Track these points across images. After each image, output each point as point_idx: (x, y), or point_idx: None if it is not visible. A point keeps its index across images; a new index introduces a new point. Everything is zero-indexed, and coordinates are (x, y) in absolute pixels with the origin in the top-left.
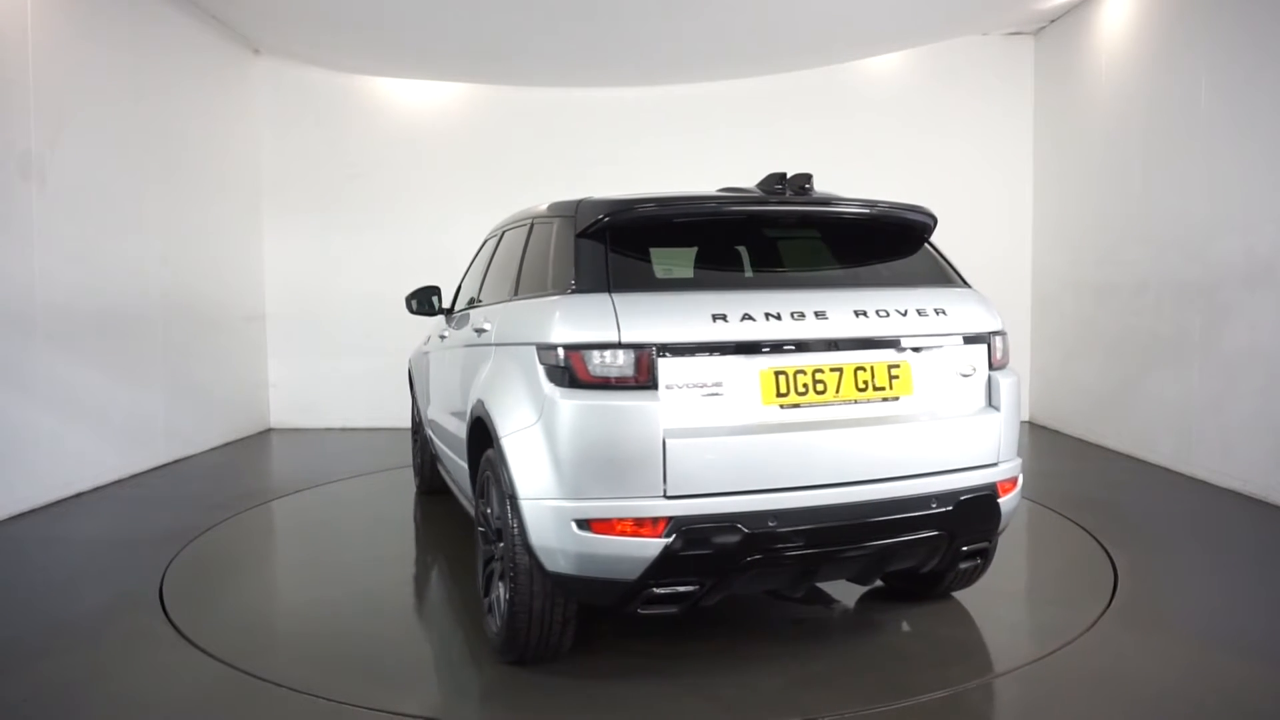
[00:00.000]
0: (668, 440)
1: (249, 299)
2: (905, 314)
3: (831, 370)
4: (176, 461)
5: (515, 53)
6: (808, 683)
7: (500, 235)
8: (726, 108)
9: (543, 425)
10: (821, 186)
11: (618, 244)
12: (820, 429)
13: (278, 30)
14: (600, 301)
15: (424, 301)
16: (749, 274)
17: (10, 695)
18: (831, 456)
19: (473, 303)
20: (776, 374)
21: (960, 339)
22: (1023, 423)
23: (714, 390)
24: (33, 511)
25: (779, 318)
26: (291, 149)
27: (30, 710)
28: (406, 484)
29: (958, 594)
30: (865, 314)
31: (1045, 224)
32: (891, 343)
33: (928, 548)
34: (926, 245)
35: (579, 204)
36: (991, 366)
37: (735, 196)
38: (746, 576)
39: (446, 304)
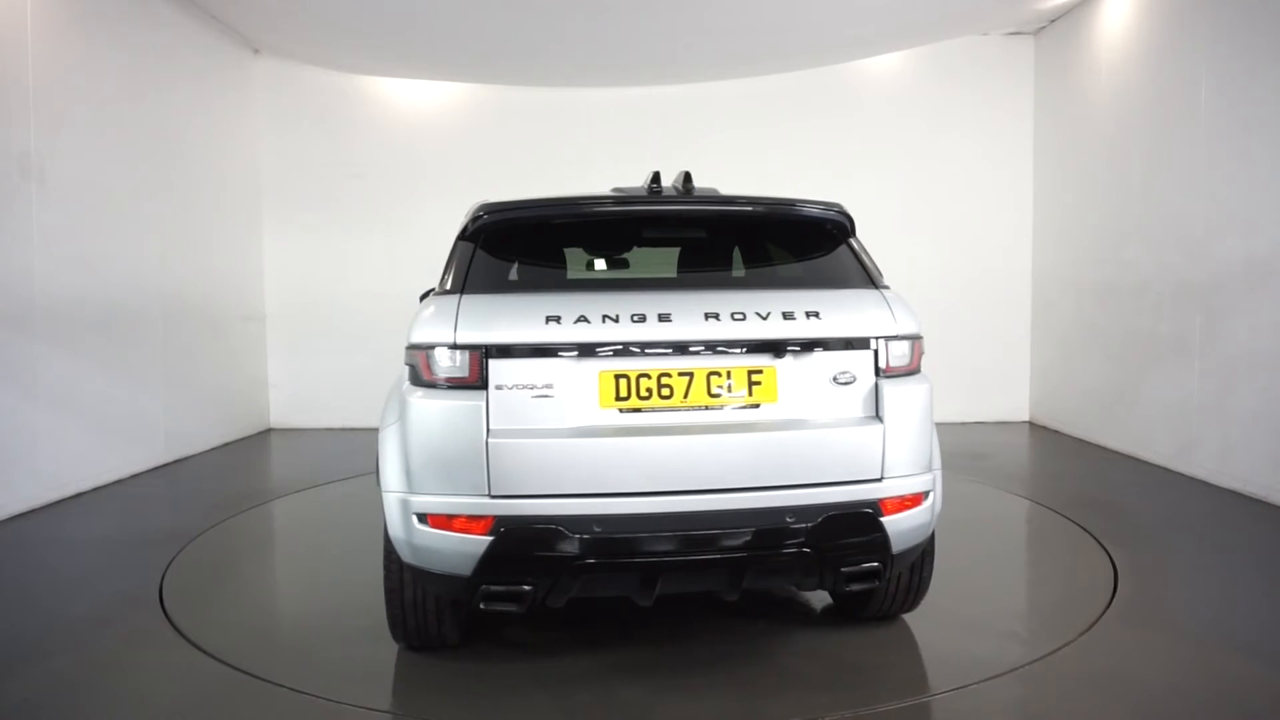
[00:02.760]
0: (491, 440)
1: (249, 299)
2: (766, 317)
3: (680, 375)
4: (176, 461)
5: (515, 53)
6: (791, 683)
7: None
8: (727, 108)
9: (399, 423)
10: (819, 186)
11: (489, 246)
12: (662, 435)
13: (278, 30)
14: (448, 303)
15: None
16: (608, 275)
17: (10, 695)
18: (672, 463)
19: None
20: (617, 377)
21: (837, 344)
22: (1023, 423)
23: (544, 392)
24: (33, 511)
25: (616, 320)
26: (291, 149)
27: (30, 710)
28: None
29: (956, 594)
30: (717, 317)
31: (1045, 224)
32: (750, 346)
33: (797, 565)
34: (843, 244)
35: (473, 207)
36: (879, 374)
37: (598, 198)
38: (581, 580)
39: None
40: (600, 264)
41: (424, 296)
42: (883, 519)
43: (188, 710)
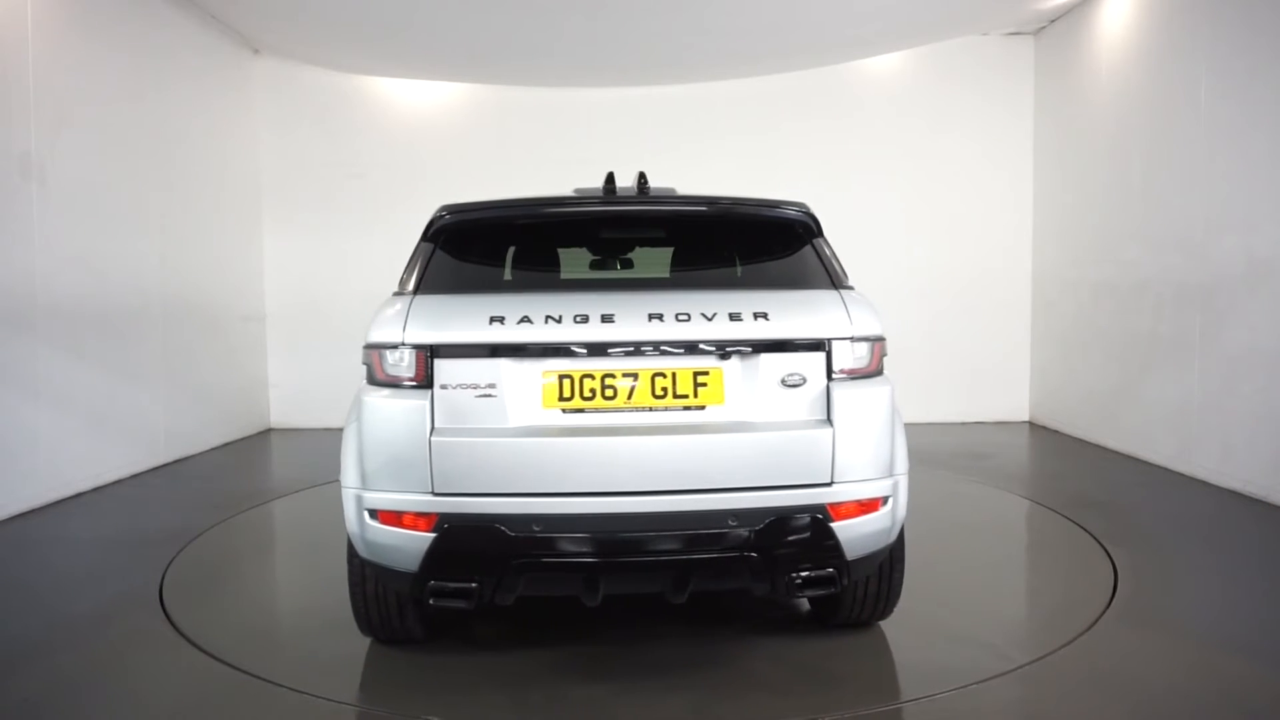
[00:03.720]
0: (434, 439)
1: (249, 299)
2: (712, 318)
3: (625, 375)
4: (176, 461)
5: (516, 53)
6: (751, 687)
7: None
8: (727, 108)
9: (356, 421)
10: (819, 186)
11: (448, 247)
12: (605, 435)
13: (278, 30)
14: (401, 304)
15: None
16: (561, 276)
17: (11, 695)
18: (615, 464)
19: None
20: (561, 378)
21: (786, 346)
22: (1023, 423)
23: (487, 392)
24: (33, 511)
25: (559, 320)
26: (291, 149)
27: (30, 710)
28: None
29: (956, 594)
30: (661, 318)
31: (1045, 224)
32: (695, 348)
33: (744, 568)
34: (806, 245)
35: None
36: (831, 376)
37: (554, 199)
38: (524, 579)
39: None
40: (556, 265)
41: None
42: (833, 524)
43: (188, 710)
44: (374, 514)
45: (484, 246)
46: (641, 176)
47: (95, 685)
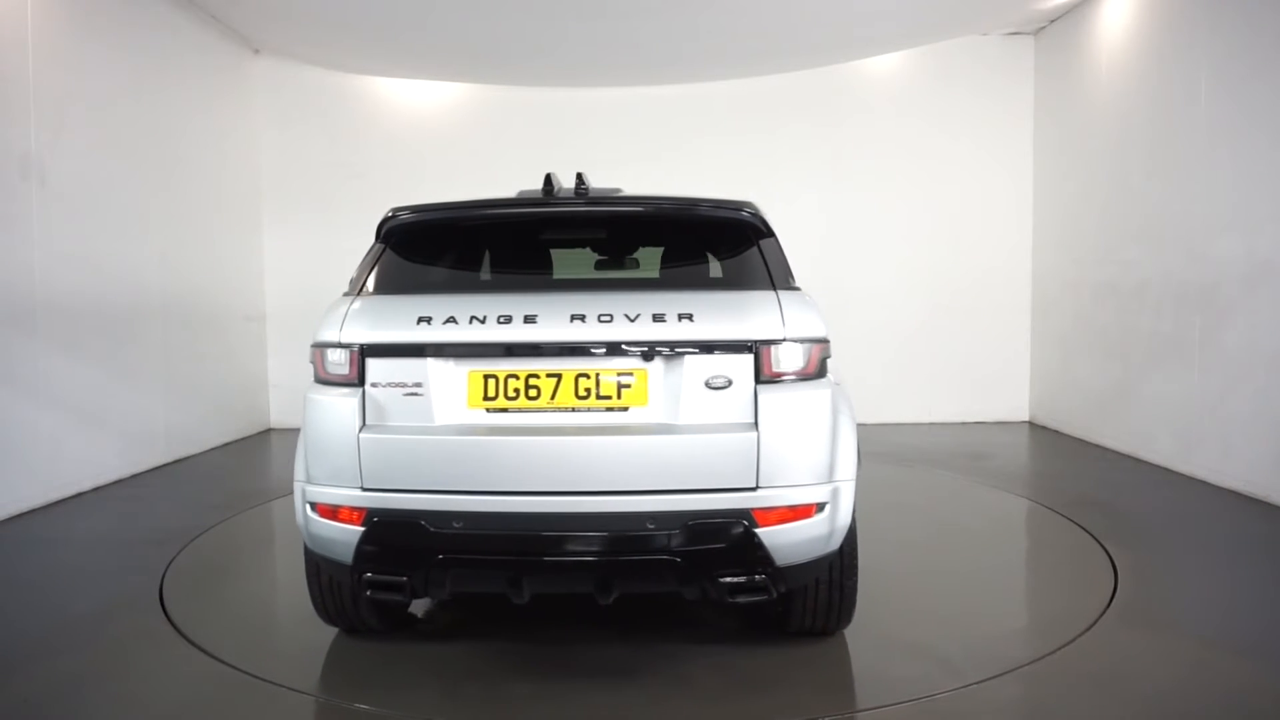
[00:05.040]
0: (362, 436)
1: (249, 299)
2: (635, 319)
3: (549, 376)
4: (176, 461)
5: (515, 53)
6: (681, 692)
7: None
8: (726, 108)
9: (303, 418)
10: (818, 186)
11: (397, 248)
12: (527, 435)
13: (278, 30)
14: (343, 304)
15: None
16: (495, 277)
17: (11, 695)
18: (536, 464)
19: None
20: (486, 377)
21: (711, 347)
22: (1023, 423)
23: (414, 390)
24: (33, 511)
25: (484, 321)
26: (291, 149)
27: (30, 710)
28: None
29: (955, 593)
30: (583, 319)
31: (1046, 224)
32: (618, 349)
33: (668, 572)
34: (752, 245)
35: None
36: (759, 379)
37: (497, 201)
38: (451, 575)
39: None
40: (492, 266)
41: None
42: (759, 530)
43: (188, 710)
44: (314, 507)
45: (428, 248)
46: (579, 178)
47: (95, 685)
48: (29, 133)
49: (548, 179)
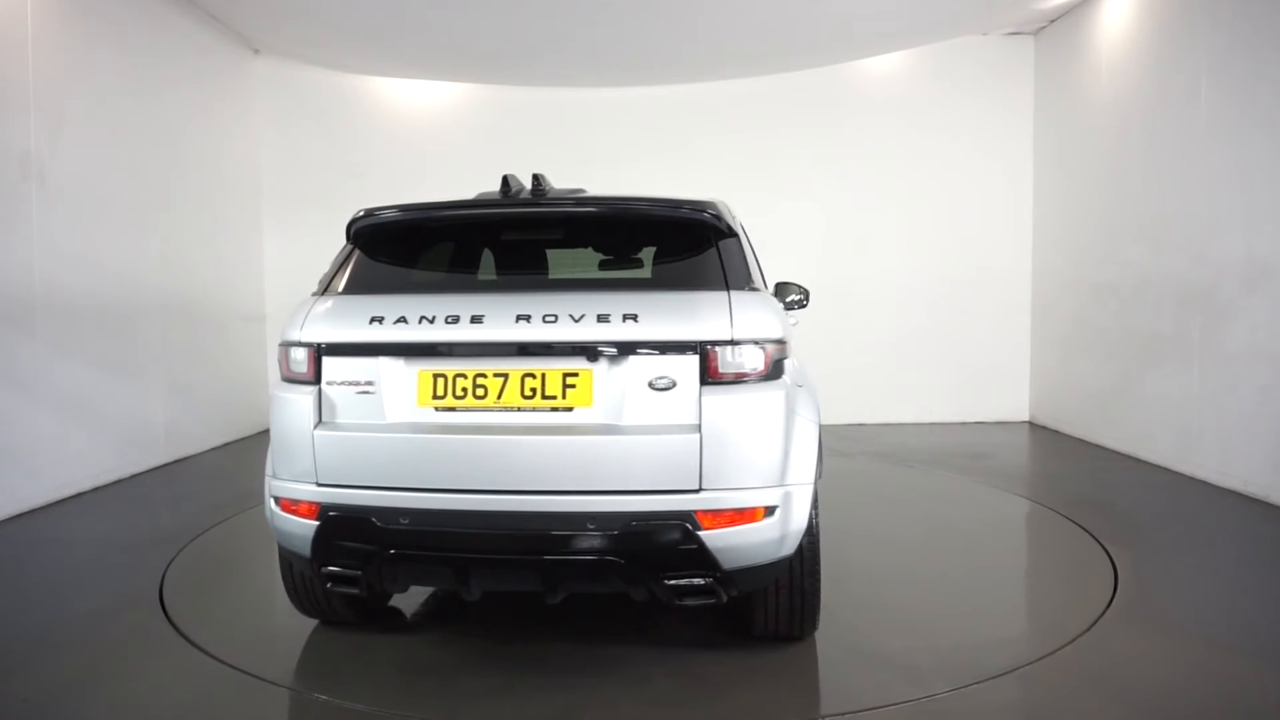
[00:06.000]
0: (316, 432)
1: (249, 299)
2: (579, 319)
3: (495, 375)
4: (176, 461)
5: (515, 53)
6: (633, 695)
7: None
8: (727, 108)
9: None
10: (818, 186)
11: (364, 249)
12: (473, 434)
13: (278, 30)
14: (307, 304)
15: None
16: (447, 277)
17: (11, 695)
18: (480, 462)
19: None
20: (435, 376)
21: (655, 348)
22: (1023, 423)
23: (366, 389)
24: (33, 511)
25: (432, 321)
26: (291, 149)
27: (30, 710)
28: None
29: (954, 593)
30: (528, 319)
31: (1045, 224)
32: (562, 349)
33: (611, 572)
34: (711, 246)
35: None
36: (705, 380)
37: (455, 203)
38: (400, 569)
39: None
40: (449, 266)
41: None
42: (701, 532)
43: (188, 710)
44: (278, 502)
45: (389, 248)
46: (535, 179)
47: (95, 685)
48: (29, 132)
49: (505, 180)
